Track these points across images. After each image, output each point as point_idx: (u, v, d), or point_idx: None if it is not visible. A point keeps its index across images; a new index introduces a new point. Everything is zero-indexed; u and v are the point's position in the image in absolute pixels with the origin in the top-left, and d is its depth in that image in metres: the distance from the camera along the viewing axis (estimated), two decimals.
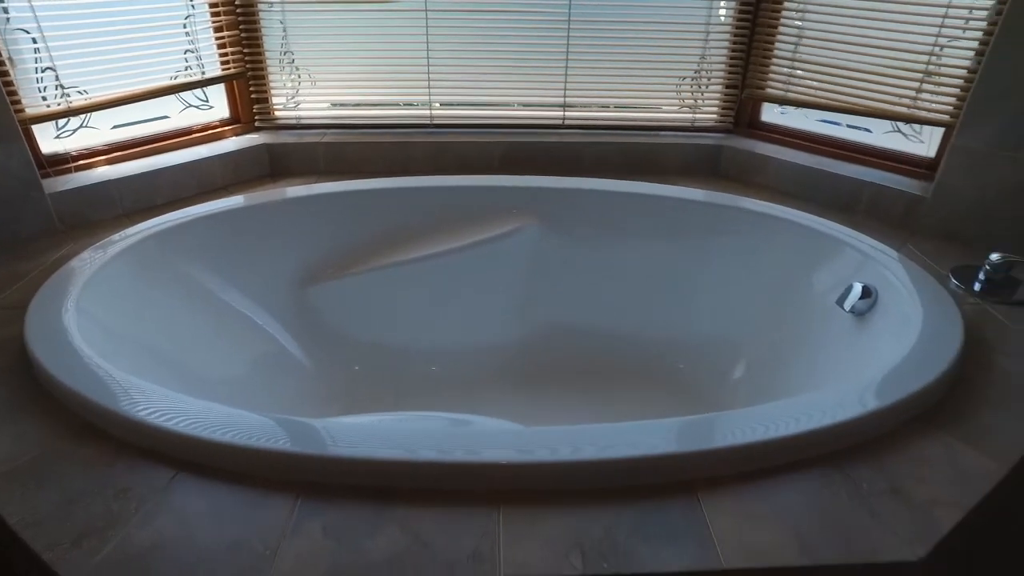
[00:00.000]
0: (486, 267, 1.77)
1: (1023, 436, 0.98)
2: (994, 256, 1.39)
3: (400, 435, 0.88)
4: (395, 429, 0.90)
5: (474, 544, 0.78)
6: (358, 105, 1.99)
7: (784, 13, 1.81)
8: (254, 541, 0.79)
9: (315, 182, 1.83)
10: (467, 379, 1.70)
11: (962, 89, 1.58)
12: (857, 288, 1.44)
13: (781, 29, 1.83)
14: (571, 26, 1.85)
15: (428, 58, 1.88)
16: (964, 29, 1.57)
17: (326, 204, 1.72)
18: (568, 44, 1.88)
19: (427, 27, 1.84)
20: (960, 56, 1.58)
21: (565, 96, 1.96)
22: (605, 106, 2.02)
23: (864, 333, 1.36)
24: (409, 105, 1.98)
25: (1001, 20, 1.41)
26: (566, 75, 1.92)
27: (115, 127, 1.76)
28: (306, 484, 0.86)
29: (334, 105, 1.99)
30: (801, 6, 1.77)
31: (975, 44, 1.55)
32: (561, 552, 0.77)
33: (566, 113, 1.99)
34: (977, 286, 1.40)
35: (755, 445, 0.88)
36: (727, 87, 1.95)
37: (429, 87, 1.93)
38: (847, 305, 1.43)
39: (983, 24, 1.53)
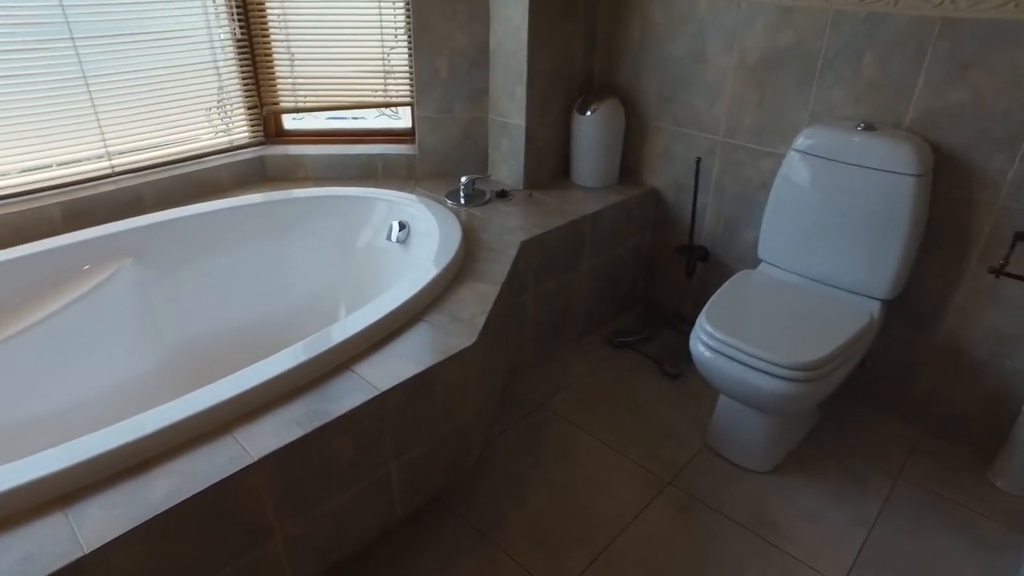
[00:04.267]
0: (97, 316, 1.88)
1: (500, 271, 1.72)
2: (464, 179, 2.17)
3: (126, 426, 1.13)
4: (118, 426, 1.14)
5: (229, 455, 1.12)
6: None
7: (274, 45, 2.29)
8: (45, 547, 0.98)
9: None
10: (133, 408, 1.83)
11: (409, 79, 2.32)
12: (395, 225, 2.07)
13: (275, 57, 2.31)
14: (88, 82, 2.01)
15: None
16: (396, 39, 2.30)
17: None
18: (92, 99, 2.03)
19: None
20: (401, 58, 2.31)
21: (106, 146, 2.11)
22: (149, 147, 2.22)
23: (410, 250, 2.00)
24: None
25: (413, 35, 2.16)
26: (100, 128, 2.08)
27: None
28: (67, 496, 1.05)
29: None
30: (285, 35, 2.28)
31: (407, 48, 2.29)
32: (286, 429, 1.17)
33: (113, 161, 2.14)
34: (462, 200, 2.17)
35: (371, 326, 1.40)
36: (249, 108, 2.37)
37: None
38: (393, 238, 2.06)
39: (406, 36, 2.27)
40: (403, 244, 2.03)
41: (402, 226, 2.05)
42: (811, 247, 1.85)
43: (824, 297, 1.79)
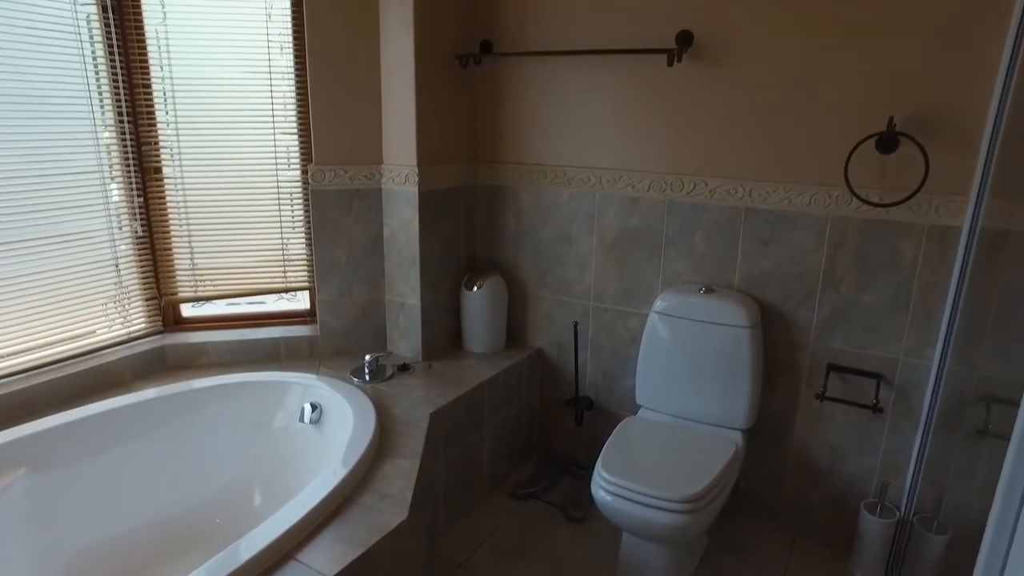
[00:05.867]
0: None
1: (416, 444, 1.88)
2: (368, 357, 2.34)
3: None
4: None
5: None
6: None
7: (175, 240, 2.41)
8: None
9: None
10: None
11: (308, 266, 2.52)
12: (307, 407, 2.17)
13: (176, 250, 2.42)
14: None
15: None
16: (294, 230, 2.51)
17: None
18: None
19: None
20: (299, 246, 2.51)
21: None
22: (42, 346, 2.19)
23: (324, 431, 2.10)
24: None
25: (313, 228, 2.39)
26: None
27: None
28: None
29: None
30: (187, 230, 2.41)
31: (304, 238, 2.50)
32: None
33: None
34: (367, 377, 2.32)
35: (309, 514, 1.49)
36: (148, 299, 2.42)
37: None
38: (306, 420, 2.15)
39: (304, 227, 2.49)
40: (316, 425, 2.13)
41: (314, 407, 2.15)
42: (680, 391, 2.18)
43: (696, 433, 2.10)
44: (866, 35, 1.83)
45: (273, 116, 2.35)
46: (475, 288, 2.51)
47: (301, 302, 2.62)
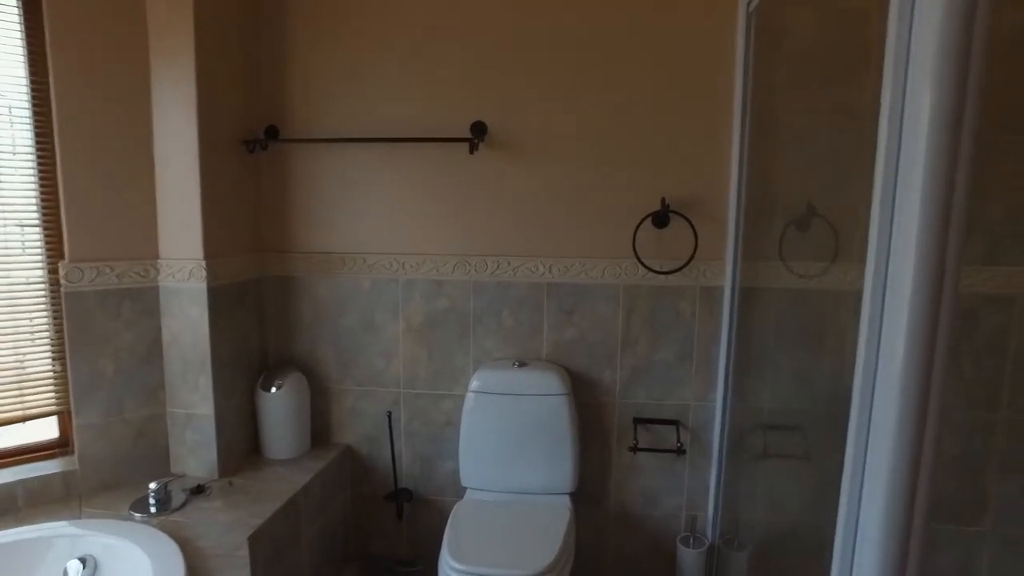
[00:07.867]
0: None
1: None
2: (152, 485, 1.95)
3: None
4: None
5: None
6: None
7: None
8: None
9: None
10: None
11: (56, 385, 2.05)
12: (74, 563, 1.72)
13: None
14: None
15: None
16: (34, 344, 2.03)
17: None
18: None
19: None
20: (43, 362, 2.04)
21: None
22: None
23: None
24: None
25: (67, 337, 1.97)
26: None
27: None
28: None
29: None
30: None
31: (50, 352, 2.04)
32: None
33: None
34: (154, 508, 1.93)
35: None
36: None
37: None
38: None
39: (48, 338, 2.03)
40: None
41: (84, 562, 1.72)
42: (505, 467, 2.20)
43: (529, 505, 2.12)
44: (637, 129, 2.15)
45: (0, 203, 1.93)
46: (273, 388, 2.28)
47: (47, 431, 2.10)
